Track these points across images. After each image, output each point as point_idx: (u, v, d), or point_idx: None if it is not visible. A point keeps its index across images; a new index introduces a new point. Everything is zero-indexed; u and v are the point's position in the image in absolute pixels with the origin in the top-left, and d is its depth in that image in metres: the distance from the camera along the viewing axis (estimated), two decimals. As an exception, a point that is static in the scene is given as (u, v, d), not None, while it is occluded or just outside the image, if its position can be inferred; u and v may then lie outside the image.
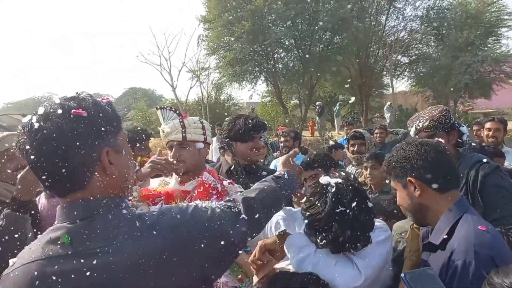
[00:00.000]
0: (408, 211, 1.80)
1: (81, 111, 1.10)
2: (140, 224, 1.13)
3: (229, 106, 25.69)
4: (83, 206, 1.14)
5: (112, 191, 1.19)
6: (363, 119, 23.20)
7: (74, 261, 1.07)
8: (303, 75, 21.74)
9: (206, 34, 22.21)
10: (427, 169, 1.71)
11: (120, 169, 1.21)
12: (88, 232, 1.10)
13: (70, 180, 1.12)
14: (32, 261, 1.10)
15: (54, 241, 1.11)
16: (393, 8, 22.98)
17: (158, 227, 1.13)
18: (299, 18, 20.57)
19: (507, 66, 21.15)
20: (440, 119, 2.44)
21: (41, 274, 1.07)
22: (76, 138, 1.08)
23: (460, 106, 24.81)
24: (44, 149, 1.08)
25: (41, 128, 1.08)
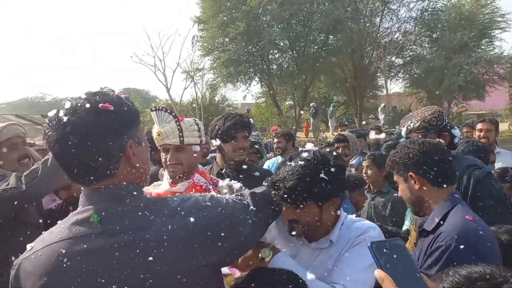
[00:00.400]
0: (408, 202, 1.98)
1: (108, 105, 1.15)
2: (165, 206, 1.22)
3: (223, 107, 25.64)
4: (111, 191, 1.20)
5: (134, 180, 1.25)
6: (357, 120, 23.23)
7: (104, 239, 1.14)
8: (297, 76, 21.76)
9: (200, 35, 22.22)
10: (427, 166, 1.88)
11: (141, 160, 1.27)
12: (117, 213, 1.17)
13: (100, 169, 1.17)
14: (58, 241, 1.15)
15: (81, 222, 1.17)
16: (387, 9, 23.05)
17: (182, 210, 1.22)
18: (294, 19, 20.59)
19: (500, 68, 21.25)
20: (431, 120, 2.44)
21: (69, 252, 1.12)
22: (104, 130, 1.15)
23: (454, 107, 24.91)
24: (73, 141, 1.12)
25: (70, 121, 1.13)
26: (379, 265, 0.96)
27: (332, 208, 1.69)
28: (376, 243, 0.98)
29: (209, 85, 23.98)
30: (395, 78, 25.15)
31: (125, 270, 1.12)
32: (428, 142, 1.95)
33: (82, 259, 1.12)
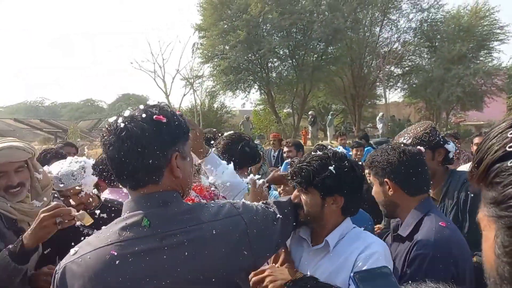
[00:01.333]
0: (380, 205, 2.05)
1: (161, 117, 1.26)
2: (206, 211, 1.33)
3: (222, 114, 25.68)
4: (158, 197, 1.28)
5: (176, 189, 1.34)
6: (356, 129, 23.29)
7: (154, 241, 1.21)
8: (296, 84, 21.83)
9: (201, 42, 22.28)
10: (404, 175, 1.94)
11: (184, 173, 1.34)
12: (165, 217, 1.26)
13: (146, 175, 1.26)
14: (108, 244, 1.21)
15: (131, 226, 1.24)
16: (387, 20, 23.21)
17: (223, 213, 1.34)
18: (294, 28, 20.70)
19: (499, 79, 21.38)
20: (423, 136, 2.43)
21: (121, 254, 1.19)
22: (155, 139, 1.24)
23: (452, 117, 25.01)
24: (126, 145, 1.23)
25: (126, 127, 1.24)
26: None
27: (335, 206, 1.71)
28: (359, 273, 0.96)
29: (208, 92, 24.03)
30: (394, 87, 25.27)
31: (175, 270, 1.21)
32: (408, 151, 1.98)
33: (134, 260, 1.19)
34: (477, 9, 22.09)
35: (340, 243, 1.73)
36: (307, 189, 1.70)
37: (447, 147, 2.44)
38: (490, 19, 21.88)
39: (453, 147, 2.47)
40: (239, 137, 2.73)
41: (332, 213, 1.72)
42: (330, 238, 1.73)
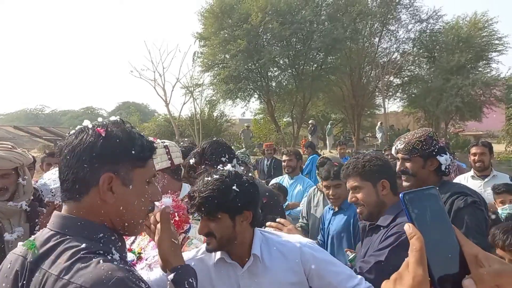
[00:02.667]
0: (370, 206, 2.21)
1: (101, 131, 1.16)
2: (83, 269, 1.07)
3: (221, 123, 25.73)
4: (62, 219, 1.17)
5: (104, 218, 1.19)
6: (355, 138, 23.36)
7: (28, 269, 1.12)
8: (296, 94, 21.91)
9: (201, 51, 22.39)
10: (392, 177, 2.26)
11: (119, 201, 1.19)
12: (48, 247, 1.11)
13: (71, 187, 1.17)
14: (12, 253, 1.20)
15: (27, 241, 1.18)
16: (386, 30, 23.38)
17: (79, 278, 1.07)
18: (294, 38, 20.84)
19: (497, 89, 21.47)
20: (415, 144, 2.44)
21: (5, 264, 1.18)
22: (85, 151, 1.14)
23: (451, 127, 25.08)
24: (65, 151, 1.17)
25: (73, 134, 1.20)
26: (410, 218, 0.88)
27: (245, 223, 1.73)
28: (409, 194, 0.88)
29: (208, 101, 24.10)
30: (393, 97, 25.38)
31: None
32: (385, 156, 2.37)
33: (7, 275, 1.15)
34: (475, 20, 22.25)
35: (264, 252, 1.76)
36: (215, 216, 1.67)
37: (439, 159, 2.44)
38: (489, 30, 22.04)
39: (446, 159, 2.45)
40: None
41: (244, 229, 1.74)
42: (255, 250, 1.74)
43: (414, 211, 0.87)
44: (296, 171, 5.64)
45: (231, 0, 21.07)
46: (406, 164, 2.48)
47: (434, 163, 2.45)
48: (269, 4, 19.72)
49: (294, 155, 5.71)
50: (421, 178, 2.45)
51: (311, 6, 20.58)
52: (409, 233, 0.86)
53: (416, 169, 2.45)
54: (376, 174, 2.22)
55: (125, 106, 51.62)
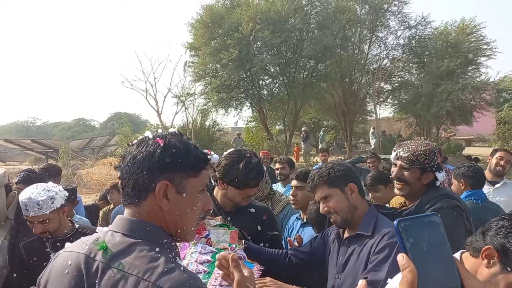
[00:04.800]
0: (343, 212, 2.22)
1: (159, 140, 1.24)
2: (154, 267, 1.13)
3: (214, 132, 25.69)
4: (130, 223, 1.23)
5: (161, 224, 1.25)
6: (347, 144, 23.44)
7: (100, 268, 1.14)
8: (287, 101, 21.99)
9: (192, 61, 22.42)
10: (358, 181, 2.31)
11: (174, 208, 1.25)
12: (121, 249, 1.16)
13: (131, 192, 1.23)
14: (73, 251, 1.22)
15: (94, 242, 1.22)
16: (375, 37, 23.57)
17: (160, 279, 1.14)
18: (284, 46, 20.94)
19: (487, 94, 21.69)
20: (419, 156, 2.47)
21: (73, 266, 1.18)
22: (146, 159, 1.22)
23: (442, 132, 25.26)
24: (128, 158, 1.25)
25: (135, 145, 1.27)
26: (404, 248, 0.83)
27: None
28: (404, 221, 0.83)
29: (200, 110, 24.10)
30: (384, 103, 25.52)
31: None
32: (346, 163, 2.43)
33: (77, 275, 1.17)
34: (464, 25, 22.52)
35: None
36: None
37: (437, 175, 2.49)
38: (477, 35, 22.31)
39: (443, 176, 2.51)
40: (239, 155, 2.58)
41: None
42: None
43: (409, 240, 0.83)
44: (289, 179, 5.63)
45: (221, 10, 21.16)
46: (404, 172, 2.52)
47: (429, 177, 2.49)
48: (259, 13, 19.82)
49: (287, 163, 5.71)
50: (414, 188, 2.51)
51: (300, 14, 20.70)
52: (401, 264, 0.82)
53: (412, 180, 2.49)
54: (342, 179, 2.26)
55: (117, 116, 51.41)
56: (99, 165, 19.58)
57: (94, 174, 17.26)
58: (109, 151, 27.90)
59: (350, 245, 2.22)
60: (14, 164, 24.58)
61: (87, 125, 59.18)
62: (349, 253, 2.19)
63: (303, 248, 2.56)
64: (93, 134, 43.50)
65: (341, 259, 2.23)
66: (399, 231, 0.83)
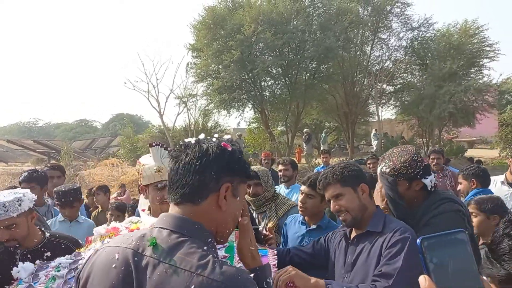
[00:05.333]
0: (354, 211, 2.26)
1: (227, 146, 1.33)
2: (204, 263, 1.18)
3: (216, 133, 25.70)
4: (187, 224, 1.27)
5: (211, 224, 1.31)
6: (349, 146, 23.42)
7: (150, 264, 1.18)
8: (289, 103, 21.98)
9: (194, 62, 22.43)
10: (370, 181, 2.40)
11: (228, 210, 1.33)
12: (170, 248, 1.20)
13: (193, 191, 1.29)
14: (119, 246, 1.26)
15: (143, 238, 1.26)
16: (378, 39, 23.54)
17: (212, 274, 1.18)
18: (286, 47, 20.92)
19: (489, 96, 21.64)
20: (400, 169, 2.47)
21: (121, 260, 1.22)
22: (214, 161, 1.29)
23: (444, 134, 25.21)
24: (188, 158, 1.30)
25: (195, 144, 1.34)
26: (427, 269, 0.78)
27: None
28: (428, 239, 0.78)
29: (202, 111, 24.10)
30: (386, 105, 25.48)
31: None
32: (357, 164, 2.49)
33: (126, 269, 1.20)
34: (466, 27, 22.46)
35: None
36: None
37: (424, 181, 2.49)
38: (480, 37, 22.25)
39: (431, 180, 2.51)
40: None
41: None
42: None
43: (432, 260, 0.77)
44: (292, 180, 5.66)
45: (223, 12, 21.16)
46: None
47: (419, 184, 2.50)
48: (261, 15, 19.82)
49: (290, 164, 5.72)
50: (409, 198, 2.50)
51: (302, 15, 20.70)
52: (423, 287, 0.77)
53: (402, 191, 2.49)
54: (355, 179, 2.32)
55: (118, 117, 51.50)
56: (101, 166, 19.62)
57: (96, 175, 17.31)
58: (111, 152, 27.96)
59: (359, 243, 2.26)
60: (16, 165, 24.66)
61: (89, 126, 59.27)
62: (358, 251, 2.23)
63: (306, 249, 2.57)
64: (95, 135, 43.59)
65: (349, 258, 2.26)
66: (422, 250, 0.78)
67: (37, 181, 4.09)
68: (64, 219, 3.93)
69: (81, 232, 3.81)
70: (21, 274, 2.09)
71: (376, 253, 2.12)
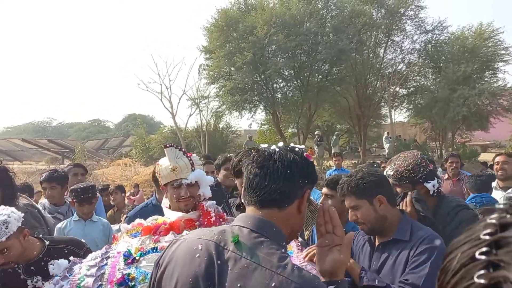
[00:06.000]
0: (371, 223, 2.24)
1: (310, 156, 1.44)
2: (281, 262, 1.26)
3: (227, 134, 25.78)
4: (268, 226, 1.34)
5: (288, 228, 1.40)
6: (361, 149, 23.32)
7: (232, 259, 1.27)
8: (301, 105, 21.97)
9: (207, 64, 22.54)
10: (389, 191, 2.33)
11: (303, 214, 1.43)
12: (252, 247, 1.28)
13: (281, 197, 1.36)
14: (201, 238, 1.35)
15: (224, 233, 1.34)
16: (391, 41, 23.42)
17: (290, 274, 1.24)
18: (299, 49, 20.92)
19: (504, 99, 21.40)
20: (403, 173, 2.59)
21: (204, 251, 1.30)
22: (302, 169, 1.39)
23: (457, 137, 24.98)
24: (277, 165, 1.37)
25: (281, 153, 1.40)
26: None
27: None
28: None
29: (214, 113, 24.20)
30: (399, 108, 25.33)
31: None
32: (377, 172, 2.45)
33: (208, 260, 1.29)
34: (481, 30, 22.24)
35: None
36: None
37: (426, 186, 2.59)
38: (495, 40, 22.02)
39: (434, 185, 2.60)
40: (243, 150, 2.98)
41: None
42: None
43: None
44: None
45: (236, 14, 21.25)
46: (397, 189, 2.65)
47: (423, 189, 2.60)
48: (274, 17, 19.85)
49: None
50: None
51: (315, 18, 20.69)
52: None
53: None
54: (371, 191, 2.26)
55: (131, 118, 51.88)
56: (114, 166, 19.80)
57: (109, 175, 17.48)
58: (124, 152, 28.18)
59: (384, 250, 2.26)
60: (30, 164, 24.99)
61: (102, 126, 59.72)
62: (383, 258, 2.24)
63: None
64: (108, 135, 43.94)
65: (374, 264, 2.27)
66: None
67: (57, 180, 4.16)
68: (79, 218, 3.91)
69: (96, 231, 3.89)
70: (56, 271, 2.16)
71: (403, 262, 2.13)
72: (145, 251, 2.06)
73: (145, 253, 2.05)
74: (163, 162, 2.40)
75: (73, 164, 5.20)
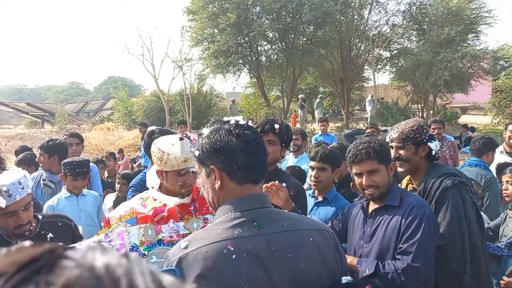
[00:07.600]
0: (384, 188, 2.38)
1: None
2: (304, 220, 1.55)
3: (211, 98, 25.56)
4: (260, 197, 1.46)
5: None
6: (344, 112, 23.46)
7: (263, 242, 1.34)
8: (286, 68, 21.83)
9: (190, 25, 22.04)
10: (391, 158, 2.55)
11: None
12: (270, 219, 1.40)
13: (264, 171, 1.47)
14: (223, 240, 1.33)
15: (241, 224, 1.36)
16: (376, 2, 23.20)
17: (318, 226, 1.53)
18: (284, 11, 20.59)
19: (485, 62, 21.63)
20: (408, 133, 2.71)
21: (237, 250, 1.31)
22: None
23: (438, 100, 25.30)
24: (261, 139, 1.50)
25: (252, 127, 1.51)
26: None
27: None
28: None
29: (197, 76, 23.85)
30: (382, 70, 25.38)
31: (280, 275, 1.33)
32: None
33: (248, 258, 1.31)
34: (465, -8, 22.14)
35: None
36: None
37: (430, 145, 2.72)
38: (478, 3, 21.99)
39: (436, 145, 2.74)
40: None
41: None
42: None
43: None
44: (301, 150, 5.77)
45: (220, -28, 20.65)
46: (400, 151, 2.74)
47: (425, 149, 2.73)
48: (258, -23, 19.38)
49: (300, 134, 5.84)
50: (414, 163, 2.73)
51: (301, -22, 20.27)
52: None
53: (409, 155, 2.72)
54: (388, 157, 2.48)
55: (111, 80, 50.87)
56: (97, 130, 19.56)
57: (92, 139, 17.22)
58: (105, 116, 27.77)
59: (377, 216, 2.40)
60: (9, 127, 24.47)
61: (80, 89, 58.49)
62: (376, 224, 2.38)
63: None
64: (87, 98, 43.14)
65: (368, 229, 2.42)
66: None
67: (57, 150, 4.08)
68: (70, 194, 3.70)
69: (89, 205, 3.79)
70: None
71: (395, 227, 2.28)
72: (150, 244, 2.03)
73: (151, 246, 2.02)
74: (170, 151, 2.27)
75: (67, 134, 5.09)
